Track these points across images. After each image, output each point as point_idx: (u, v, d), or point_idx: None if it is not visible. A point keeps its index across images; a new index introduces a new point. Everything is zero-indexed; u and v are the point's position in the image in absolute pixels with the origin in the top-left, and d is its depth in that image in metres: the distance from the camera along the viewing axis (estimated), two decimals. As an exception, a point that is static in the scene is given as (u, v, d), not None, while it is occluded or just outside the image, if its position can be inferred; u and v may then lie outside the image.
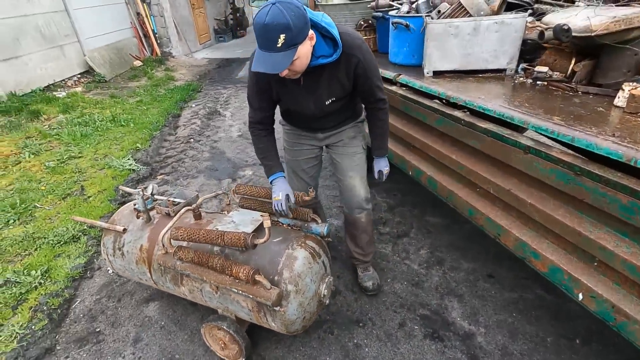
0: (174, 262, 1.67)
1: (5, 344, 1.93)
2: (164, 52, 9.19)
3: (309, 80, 1.53)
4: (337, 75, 1.53)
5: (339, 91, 1.59)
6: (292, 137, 1.97)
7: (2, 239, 2.71)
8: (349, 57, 1.47)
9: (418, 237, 2.66)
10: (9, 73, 5.43)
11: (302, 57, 1.34)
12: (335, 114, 1.75)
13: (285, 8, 1.21)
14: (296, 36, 1.25)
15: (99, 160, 3.91)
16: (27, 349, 1.91)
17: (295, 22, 1.22)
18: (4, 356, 1.87)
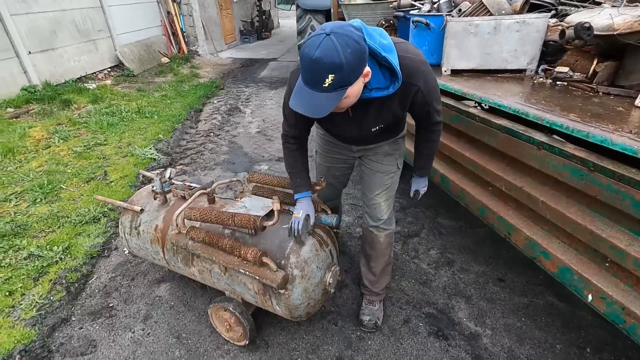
0: (186, 242, 1.72)
1: (26, 312, 2.03)
2: (190, 51, 9.46)
3: (357, 112, 1.37)
4: (390, 105, 1.35)
5: (389, 119, 1.43)
6: (326, 144, 1.84)
7: (29, 215, 2.86)
8: (408, 85, 1.26)
9: (429, 237, 2.64)
10: (45, 64, 5.73)
11: (351, 97, 1.15)
12: (379, 135, 1.56)
13: (341, 43, 1.01)
14: (348, 77, 1.06)
15: (123, 148, 4.06)
16: (45, 318, 2.00)
17: (350, 61, 1.02)
18: (23, 322, 1.97)
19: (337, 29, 1.03)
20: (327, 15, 6.04)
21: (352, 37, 1.03)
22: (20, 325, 1.95)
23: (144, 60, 7.87)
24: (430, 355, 1.79)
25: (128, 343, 1.90)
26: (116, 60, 7.32)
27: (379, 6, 2.95)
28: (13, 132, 4.20)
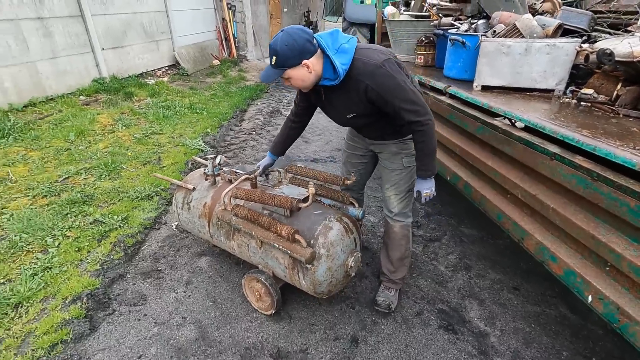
0: (230, 217, 2.00)
1: (91, 265, 2.40)
2: (239, 55, 10.06)
3: (329, 96, 1.77)
4: (348, 96, 1.68)
5: (356, 109, 1.73)
6: (350, 134, 2.17)
7: (95, 188, 3.29)
8: (357, 82, 1.60)
9: (450, 244, 2.76)
10: (114, 59, 6.41)
11: (296, 79, 1.61)
12: (369, 127, 1.90)
13: (282, 38, 1.52)
14: (283, 62, 1.54)
15: (175, 138, 4.50)
16: (106, 272, 2.35)
17: (284, 51, 1.51)
18: (89, 273, 2.33)
19: (288, 29, 1.55)
20: (372, 29, 6.30)
21: (293, 36, 1.52)
22: (87, 275, 2.31)
23: (197, 61, 8.50)
24: (438, 345, 1.93)
25: (172, 301, 2.19)
26: (173, 60, 7.99)
27: (421, 24, 3.15)
28: (84, 117, 4.78)
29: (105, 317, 2.05)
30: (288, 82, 1.66)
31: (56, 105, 5.10)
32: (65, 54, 5.46)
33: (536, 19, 2.18)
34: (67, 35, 5.46)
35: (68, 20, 5.45)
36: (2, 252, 2.44)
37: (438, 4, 3.16)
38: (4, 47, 4.63)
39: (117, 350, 1.87)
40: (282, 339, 1.96)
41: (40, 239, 2.58)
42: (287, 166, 2.31)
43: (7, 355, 1.79)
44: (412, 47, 3.29)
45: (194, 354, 1.86)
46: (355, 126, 2.00)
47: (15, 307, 2.07)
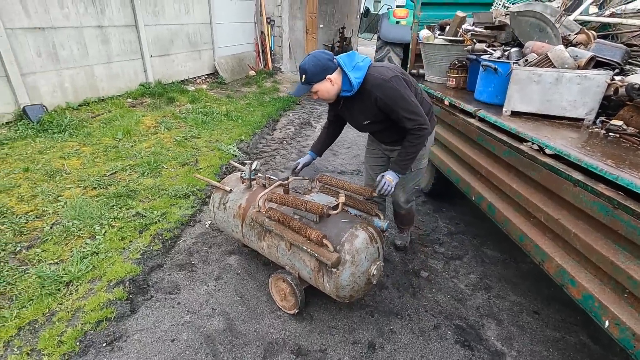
0: (263, 219, 2.16)
1: (133, 253, 2.62)
2: (274, 67, 10.46)
3: (347, 105, 2.15)
4: (363, 105, 2.07)
5: (369, 116, 2.11)
6: (369, 140, 2.62)
7: (138, 184, 3.57)
8: (369, 92, 1.98)
9: (471, 263, 2.80)
10: (160, 66, 6.87)
11: (322, 91, 2.01)
12: (383, 133, 2.30)
13: (311, 59, 1.94)
14: (311, 78, 1.94)
15: (212, 143, 4.78)
16: (146, 261, 2.56)
17: (312, 69, 1.92)
18: (130, 260, 2.54)
19: (313, 53, 1.98)
20: (405, 49, 6.44)
21: (318, 57, 1.95)
22: (129, 262, 2.52)
23: (235, 71, 8.93)
24: (453, 359, 1.99)
25: (203, 293, 2.36)
26: (213, 69, 8.44)
27: (454, 48, 3.26)
28: (131, 118, 5.16)
29: (143, 302, 2.25)
30: (315, 95, 2.04)
31: (106, 105, 5.53)
32: (118, 60, 5.93)
33: (569, 50, 2.25)
34: (122, 42, 5.95)
35: (124, 29, 5.94)
36: (57, 236, 2.71)
37: (473, 30, 3.26)
38: (68, 51, 5.12)
39: (153, 332, 2.04)
40: (303, 337, 2.08)
41: (90, 227, 2.85)
42: (317, 176, 2.46)
43: (60, 326, 2.00)
44: (445, 70, 3.40)
45: (221, 343, 2.01)
46: (371, 131, 2.38)
47: (66, 285, 2.30)
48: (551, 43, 2.47)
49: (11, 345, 1.89)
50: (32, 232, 2.74)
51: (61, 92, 5.13)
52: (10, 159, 3.71)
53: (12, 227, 2.74)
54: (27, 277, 2.30)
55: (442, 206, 3.66)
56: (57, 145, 4.15)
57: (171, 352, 1.94)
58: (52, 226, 2.83)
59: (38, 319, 2.04)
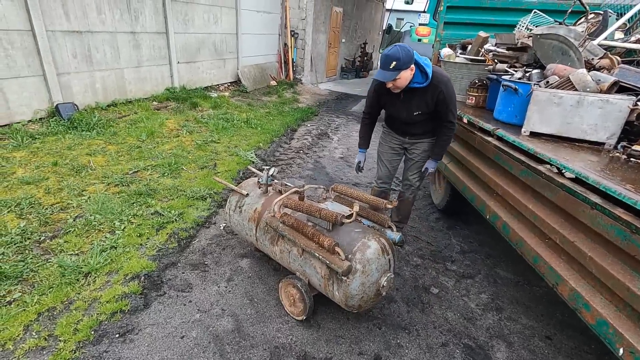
0: (277, 224, 2.20)
1: (150, 250, 2.70)
2: (295, 78, 10.68)
3: (407, 96, 2.44)
4: (424, 97, 2.40)
5: (423, 107, 2.45)
6: (386, 135, 2.88)
7: (158, 184, 3.68)
8: (435, 87, 2.35)
9: (483, 283, 2.76)
10: (186, 72, 7.12)
11: (402, 79, 2.26)
12: (419, 124, 2.61)
13: (401, 49, 2.18)
14: (401, 65, 2.18)
15: (231, 148, 4.90)
16: (161, 258, 2.64)
17: (403, 57, 2.17)
18: (147, 257, 2.62)
19: (400, 45, 2.22)
20: (426, 66, 6.50)
21: (406, 48, 2.19)
22: (145, 258, 2.60)
23: (257, 80, 9.16)
24: (460, 378, 1.96)
25: (214, 293, 2.41)
26: (236, 77, 8.68)
27: (475, 67, 3.29)
28: (155, 120, 5.35)
29: (157, 297, 2.31)
30: (393, 83, 2.28)
31: (133, 107, 5.75)
32: (147, 64, 6.18)
33: (592, 74, 2.25)
34: (152, 48, 6.21)
35: (155, 35, 6.21)
36: (79, 228, 2.82)
37: (495, 50, 3.28)
38: (101, 54, 5.38)
39: (163, 328, 2.09)
40: (309, 344, 2.09)
41: (110, 222, 2.95)
42: (333, 185, 2.50)
43: (77, 314, 2.08)
44: (464, 88, 3.42)
45: (229, 344, 2.04)
46: (412, 122, 2.60)
47: (85, 276, 2.39)
48: (574, 66, 2.47)
49: (30, 329, 1.97)
50: (57, 224, 2.86)
51: (92, 93, 5.38)
52: (41, 153, 3.90)
53: (39, 217, 2.87)
54: (49, 266, 2.40)
55: (456, 224, 3.63)
56: (84, 142, 4.33)
57: (180, 348, 1.98)
58: (76, 219, 2.94)
59: (57, 306, 2.12)
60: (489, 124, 2.58)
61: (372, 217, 2.32)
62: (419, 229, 3.49)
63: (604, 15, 3.20)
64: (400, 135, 2.77)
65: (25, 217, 2.85)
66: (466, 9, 4.20)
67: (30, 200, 3.04)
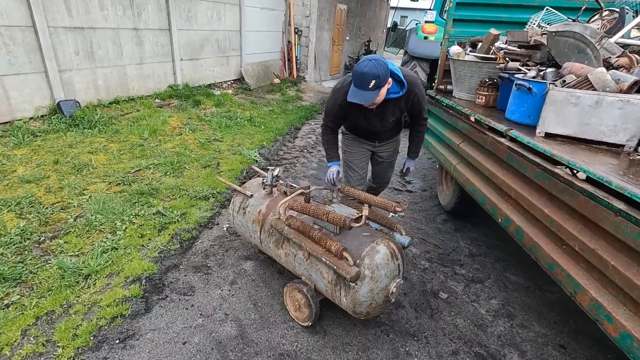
0: (282, 226, 2.13)
1: (151, 251, 2.64)
2: (299, 76, 10.59)
3: (380, 108, 2.28)
4: (399, 104, 2.31)
5: (397, 113, 2.39)
6: (352, 142, 2.71)
7: (161, 183, 3.62)
8: (410, 92, 2.26)
9: (493, 288, 2.68)
10: (189, 70, 7.05)
11: (381, 95, 2.09)
12: (390, 129, 2.57)
13: (377, 64, 1.96)
14: (381, 82, 1.99)
15: (234, 147, 4.83)
16: (163, 259, 2.58)
17: (382, 73, 1.97)
18: (148, 258, 2.56)
19: (374, 57, 2.00)
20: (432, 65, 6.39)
21: (381, 61, 1.99)
22: (147, 260, 2.54)
23: (260, 78, 9.08)
24: (472, 388, 1.88)
25: (217, 297, 2.34)
26: (239, 75, 8.60)
27: (486, 65, 3.19)
28: (157, 118, 5.29)
29: (158, 301, 2.25)
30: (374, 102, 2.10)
31: (135, 104, 5.70)
32: (150, 61, 6.12)
33: (610, 73, 2.15)
34: (155, 45, 6.14)
35: (157, 32, 6.14)
36: (79, 229, 2.76)
37: (506, 48, 3.19)
38: (104, 51, 5.31)
39: (165, 333, 2.03)
40: (315, 352, 2.02)
41: (111, 222, 2.89)
42: (339, 186, 2.42)
43: (76, 319, 2.02)
44: (474, 87, 3.33)
45: (232, 350, 1.97)
46: (385, 129, 2.52)
47: (85, 278, 2.33)
48: (591, 65, 2.38)
49: (28, 334, 1.91)
50: (57, 223, 2.80)
51: (94, 90, 5.32)
52: (42, 151, 3.84)
53: (39, 217, 2.81)
54: (49, 267, 2.34)
55: (464, 226, 3.55)
56: (86, 140, 4.28)
57: (182, 355, 1.91)
58: (76, 219, 2.89)
59: (55, 310, 2.07)
60: (501, 125, 2.49)
61: (380, 219, 2.25)
62: (426, 231, 3.41)
63: (620, 12, 3.09)
64: (369, 140, 2.67)
65: (25, 217, 2.79)
66: (476, 5, 4.09)
67: (30, 200, 2.99)
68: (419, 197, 4.13)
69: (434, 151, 3.70)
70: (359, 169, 2.80)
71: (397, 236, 2.17)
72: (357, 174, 2.81)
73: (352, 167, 2.79)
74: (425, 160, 5.28)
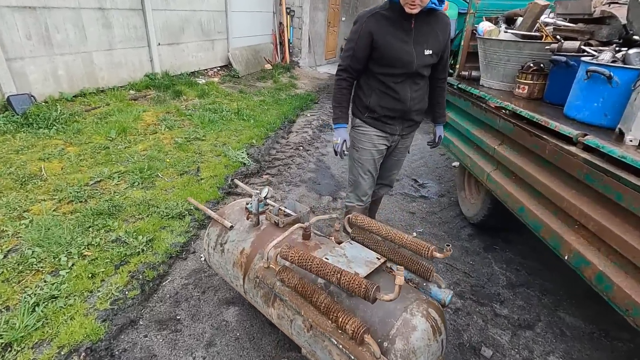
0: (273, 281, 1.50)
1: (101, 301, 2.00)
2: (292, 61, 9.78)
3: (418, 25, 1.89)
4: (436, 28, 1.94)
5: (435, 45, 1.95)
6: (363, 135, 2.15)
7: (125, 197, 2.95)
8: (444, 17, 1.97)
9: (547, 336, 2.09)
10: (169, 56, 6.27)
11: None
12: (422, 88, 2.06)
13: None
14: None
15: (218, 147, 4.14)
16: (116, 314, 1.94)
17: None
18: (96, 313, 1.92)
19: None
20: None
21: None
22: (93, 316, 1.90)
23: (249, 64, 8.29)
24: None
25: (187, 370, 1.73)
26: (226, 60, 7.81)
27: (528, 46, 2.52)
28: (130, 112, 4.57)
29: (102, 384, 1.62)
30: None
31: (105, 97, 4.96)
32: (121, 47, 5.34)
33: None
34: (126, 27, 5.35)
35: (128, 12, 5.34)
36: (9, 269, 2.11)
37: (554, 23, 2.52)
38: (63, 35, 4.54)
39: None
40: None
41: (54, 257, 2.24)
42: (350, 216, 1.78)
43: None
44: (511, 74, 2.67)
45: None
46: (420, 72, 1.98)
47: (4, 349, 1.69)
48: (697, 43, 1.72)
49: None
50: (-20, 263, 2.15)
51: (54, 81, 4.57)
52: (-20, 159, 3.15)
53: (-45, 254, 2.16)
54: (-47, 335, 1.71)
55: (494, 242, 2.95)
56: (39, 143, 3.58)
57: None
58: (7, 254, 2.24)
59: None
60: (567, 127, 1.85)
61: (410, 265, 1.62)
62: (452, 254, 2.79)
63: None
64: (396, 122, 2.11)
65: None
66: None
67: (-53, 230, 2.32)
68: (437, 205, 3.51)
69: (457, 152, 3.06)
70: (374, 170, 2.27)
71: (433, 290, 1.55)
72: (370, 178, 2.28)
73: (365, 168, 2.24)
74: (438, 157, 4.64)
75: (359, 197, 2.33)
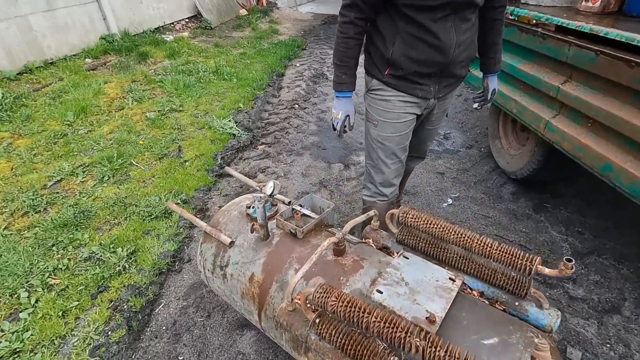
0: (305, 332, 1.02)
1: (77, 351, 1.54)
2: (269, 3, 8.63)
3: None
4: None
5: None
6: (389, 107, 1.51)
7: (95, 198, 2.40)
8: None
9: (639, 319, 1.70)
10: (125, 10, 5.29)
11: None
12: (470, 33, 1.39)
13: None
14: None
15: (199, 117, 3.49)
16: (99, 369, 1.49)
17: None
18: (72, 371, 1.48)
19: None
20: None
21: None
22: (69, 375, 1.45)
23: (222, 11, 7.23)
24: None
25: None
26: (194, 10, 6.76)
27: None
28: (88, 86, 3.82)
29: None
30: None
31: (57, 71, 4.17)
32: (63, 5, 4.40)
33: None
34: (63, -21, 4.37)
35: (62, -41, 4.32)
36: (-49, 321, 1.62)
37: None
38: (-18, -3, 3.63)
39: None
40: None
41: (11, 294, 1.75)
42: (399, 210, 1.25)
43: None
44: (571, -18, 2.01)
45: None
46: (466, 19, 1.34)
47: None
48: None
49: None
50: None
51: (-13, 58, 3.75)
52: None
53: None
54: None
55: (544, 200, 2.48)
56: (-21, 139, 2.92)
57: None
58: (-52, 298, 1.73)
59: None
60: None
61: (491, 275, 1.14)
62: (496, 217, 2.34)
63: None
64: (432, 81, 1.45)
65: None
66: None
67: None
68: (467, 159, 2.99)
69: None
70: (402, 151, 1.63)
71: (532, 312, 1.09)
72: (395, 162, 1.64)
73: (386, 151, 1.60)
74: (455, 100, 4.02)
75: (380, 191, 1.69)
